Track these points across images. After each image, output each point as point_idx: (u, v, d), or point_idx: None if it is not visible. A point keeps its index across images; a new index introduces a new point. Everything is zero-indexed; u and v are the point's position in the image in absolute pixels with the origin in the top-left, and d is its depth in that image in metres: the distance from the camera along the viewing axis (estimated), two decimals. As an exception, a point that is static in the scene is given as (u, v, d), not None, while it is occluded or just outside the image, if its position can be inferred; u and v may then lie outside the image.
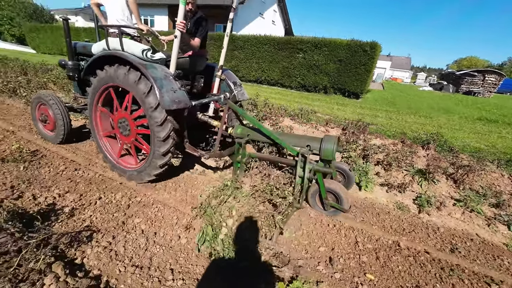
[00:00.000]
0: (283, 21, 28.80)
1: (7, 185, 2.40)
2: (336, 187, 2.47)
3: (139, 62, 2.36)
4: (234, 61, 12.37)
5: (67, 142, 3.57)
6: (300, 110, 6.11)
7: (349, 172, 2.93)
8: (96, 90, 2.72)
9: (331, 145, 2.41)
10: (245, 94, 3.45)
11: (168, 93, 2.27)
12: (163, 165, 2.56)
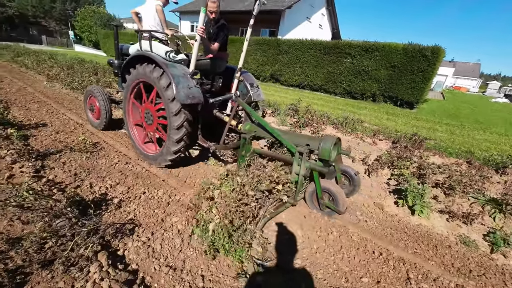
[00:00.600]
0: (330, 24, 27.87)
1: (71, 172, 2.72)
2: (332, 187, 2.48)
3: (163, 61, 2.73)
4: (278, 65, 12.35)
5: (108, 129, 4.17)
6: (345, 118, 5.72)
7: (355, 176, 2.86)
8: (130, 85, 3.17)
9: (328, 145, 2.46)
10: (261, 95, 3.65)
11: (183, 89, 2.59)
12: (176, 152, 2.87)
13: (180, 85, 2.60)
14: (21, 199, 1.71)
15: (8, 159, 2.72)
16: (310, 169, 2.49)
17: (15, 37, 33.15)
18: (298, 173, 2.54)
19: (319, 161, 2.59)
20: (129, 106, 3.37)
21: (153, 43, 3.04)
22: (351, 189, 2.92)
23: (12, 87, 6.58)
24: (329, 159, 2.48)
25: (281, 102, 7.70)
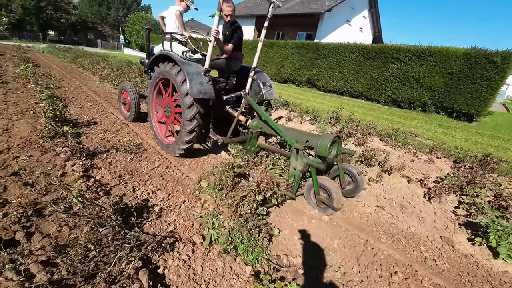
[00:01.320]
0: (372, 27, 26.41)
1: (116, 174, 2.74)
2: (329, 184, 2.52)
3: (180, 60, 3.04)
4: (315, 70, 11.89)
5: (136, 121, 4.66)
6: (395, 131, 5.14)
7: (357, 176, 2.85)
8: (154, 81, 3.54)
9: (326, 142, 2.52)
10: (273, 94, 3.78)
11: (196, 85, 2.84)
12: (188, 141, 3.13)
13: (194, 81, 2.85)
14: (71, 204, 1.68)
15: (62, 156, 2.85)
16: (307, 165, 2.53)
17: (77, 41, 37.52)
18: (296, 168, 2.61)
19: (317, 157, 2.67)
20: (152, 100, 3.74)
21: (173, 44, 3.51)
22: (353, 188, 2.92)
23: (71, 85, 7.23)
24: (326, 155, 2.55)
25: (319, 109, 7.31)
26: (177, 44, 3.72)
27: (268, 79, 3.88)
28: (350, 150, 3.06)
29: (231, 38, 3.34)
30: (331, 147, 2.61)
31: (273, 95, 3.79)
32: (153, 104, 3.77)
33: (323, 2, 19.52)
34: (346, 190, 2.97)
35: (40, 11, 33.80)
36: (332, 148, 2.66)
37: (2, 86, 5.71)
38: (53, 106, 3.99)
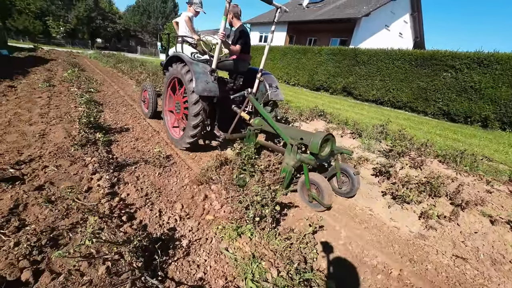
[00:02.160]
0: (413, 33, 24.62)
1: (143, 191, 2.47)
2: (319, 181, 2.54)
3: (189, 60, 3.27)
4: (352, 78, 11.09)
5: (154, 118, 4.96)
6: (460, 152, 4.29)
7: (353, 175, 2.85)
8: (168, 80, 3.82)
9: (317, 140, 2.59)
10: (279, 95, 3.90)
11: (202, 83, 3.03)
12: (193, 136, 3.32)
13: (199, 80, 3.04)
14: (86, 244, 1.37)
15: (90, 167, 2.66)
16: (300, 161, 2.56)
17: (119, 48, 40.71)
18: (289, 163, 2.66)
19: (310, 154, 2.71)
20: (166, 97, 4.02)
21: (184, 46, 3.98)
22: (350, 188, 2.93)
23: (109, 90, 7.47)
24: (317, 152, 2.62)
25: (359, 121, 6.59)
26: (187, 46, 4.17)
27: (275, 80, 4.04)
28: (348, 150, 3.07)
29: (238, 40, 3.53)
30: (324, 145, 2.73)
31: (279, 96, 3.91)
32: (167, 102, 4.04)
33: (360, 7, 18.60)
34: (342, 190, 3.00)
35: (91, 20, 37.36)
36: (326, 146, 2.78)
37: (48, 90, 6.00)
38: (88, 112, 3.95)
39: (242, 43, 3.51)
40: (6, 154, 2.70)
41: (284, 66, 14.79)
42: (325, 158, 2.83)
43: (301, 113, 6.51)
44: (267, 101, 3.87)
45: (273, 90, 3.85)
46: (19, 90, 5.59)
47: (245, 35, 3.62)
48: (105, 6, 41.65)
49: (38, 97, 5.22)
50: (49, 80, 7.06)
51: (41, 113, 4.21)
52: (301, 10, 23.50)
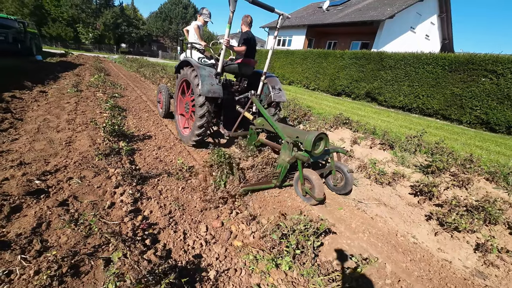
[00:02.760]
0: (441, 35, 23.38)
1: (167, 209, 2.33)
2: (312, 176, 2.77)
3: (197, 64, 3.54)
4: (377, 83, 10.55)
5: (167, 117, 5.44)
6: None
7: (347, 173, 3.00)
8: (178, 82, 4.17)
9: (311, 138, 2.78)
10: (282, 96, 4.13)
11: (207, 85, 3.29)
12: (198, 135, 3.61)
13: (205, 82, 3.32)
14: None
15: (113, 180, 2.58)
16: (294, 157, 2.74)
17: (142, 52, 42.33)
18: (284, 159, 2.86)
19: (304, 152, 2.89)
20: (177, 99, 4.36)
21: (192, 51, 4.41)
22: (344, 185, 3.08)
23: (132, 94, 7.60)
24: (311, 150, 2.78)
25: (387, 129, 6.15)
26: (196, 51, 4.60)
27: (278, 82, 4.26)
28: (343, 149, 3.28)
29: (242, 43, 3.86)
30: (318, 143, 2.90)
31: (282, 98, 4.13)
32: (178, 103, 4.37)
33: (384, 9, 17.91)
34: (337, 187, 3.17)
35: (117, 27, 39.22)
36: (321, 144, 2.93)
37: (76, 95, 6.18)
38: (112, 119, 3.94)
39: (246, 46, 3.84)
40: (33, 164, 2.69)
41: (304, 70, 14.47)
42: (319, 156, 2.99)
43: (324, 121, 6.21)
44: (270, 102, 4.14)
45: (276, 92, 4.09)
46: (49, 95, 5.79)
47: (250, 40, 3.91)
48: (130, 13, 43.62)
49: (66, 103, 5.36)
50: (77, 85, 7.31)
51: (68, 119, 4.28)
52: (321, 13, 23.09)
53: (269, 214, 2.50)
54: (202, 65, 3.59)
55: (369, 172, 3.86)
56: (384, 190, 3.42)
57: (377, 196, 3.28)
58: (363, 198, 3.22)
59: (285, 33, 24.15)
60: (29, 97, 5.31)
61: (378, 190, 3.40)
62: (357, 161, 4.34)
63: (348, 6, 21.76)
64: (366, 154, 4.63)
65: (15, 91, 5.40)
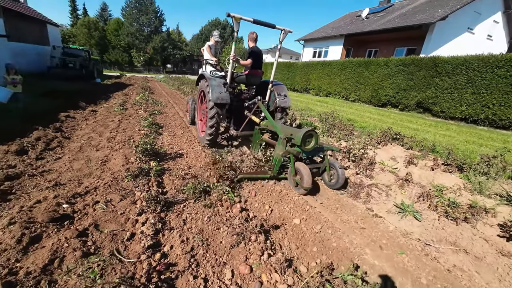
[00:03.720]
0: (508, 33, 20.27)
1: (189, 244, 2.03)
2: (301, 168, 3.05)
3: (209, 77, 4.25)
4: (430, 91, 9.26)
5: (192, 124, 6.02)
6: None
7: (339, 169, 3.28)
8: (198, 93, 4.99)
9: (300, 134, 3.08)
10: (287, 102, 4.54)
11: (216, 93, 3.93)
12: (210, 134, 4.16)
13: (214, 91, 3.90)
14: None
15: (138, 205, 2.41)
16: (287, 152, 3.13)
17: (185, 71, 45.91)
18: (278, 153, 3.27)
19: (297, 147, 3.19)
20: (197, 107, 5.29)
21: (207, 66, 5.33)
22: (336, 180, 3.33)
23: (171, 111, 7.89)
24: (300, 144, 3.09)
25: (451, 146, 5.10)
26: (209, 66, 5.42)
27: (284, 89, 4.66)
28: (335, 147, 3.74)
29: (248, 56, 4.36)
30: (309, 139, 3.18)
31: (287, 103, 4.53)
32: (198, 110, 5.14)
33: (434, 11, 16.24)
34: (332, 182, 3.40)
35: (164, 50, 43.41)
36: (312, 140, 3.19)
37: (121, 113, 6.60)
38: (145, 138, 3.95)
39: (252, 59, 4.30)
40: (67, 184, 2.70)
41: (343, 81, 13.67)
42: (311, 152, 3.33)
43: (369, 136, 5.47)
44: (276, 107, 4.53)
45: (281, 98, 4.50)
46: (98, 114, 6.27)
47: (256, 54, 4.38)
48: (175, 37, 48.08)
49: (111, 121, 5.70)
50: (124, 103, 7.89)
51: (109, 137, 4.45)
52: (360, 21, 22.10)
53: (310, 259, 2.03)
54: (213, 77, 4.27)
55: (435, 202, 3.09)
56: (461, 229, 2.63)
57: (452, 237, 2.53)
58: (431, 240, 2.51)
59: (321, 44, 23.64)
60: (81, 116, 5.80)
61: (452, 229, 2.63)
62: (416, 187, 3.56)
63: (390, 12, 20.44)
64: (427, 177, 3.80)
65: (70, 111, 5.96)
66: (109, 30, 40.10)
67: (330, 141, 5.36)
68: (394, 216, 2.93)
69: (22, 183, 2.67)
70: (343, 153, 4.42)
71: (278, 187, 3.24)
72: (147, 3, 39.93)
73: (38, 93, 7.38)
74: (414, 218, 2.85)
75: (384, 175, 3.92)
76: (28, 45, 14.64)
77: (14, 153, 3.31)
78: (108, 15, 45.34)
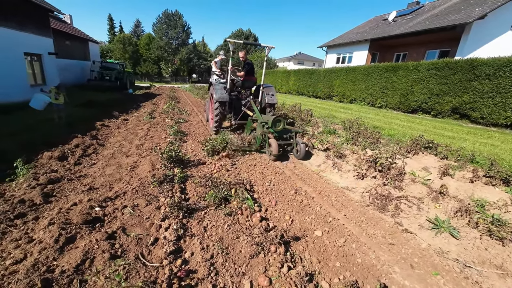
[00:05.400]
0: (561, 30, 18.07)
1: (209, 251, 2.05)
2: (272, 142, 4.44)
3: (214, 83, 6.03)
4: (468, 96, 8.53)
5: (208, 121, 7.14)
6: None
7: (301, 144, 4.60)
8: (209, 95, 6.89)
9: (271, 119, 4.53)
10: (274, 99, 5.98)
11: (218, 94, 5.46)
12: (215, 122, 5.74)
13: (217, 92, 5.50)
14: None
15: (162, 211, 2.50)
16: (263, 132, 4.71)
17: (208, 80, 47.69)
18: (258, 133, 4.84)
19: (270, 128, 4.64)
20: (209, 105, 6.76)
21: (214, 76, 7.05)
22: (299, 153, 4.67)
23: (195, 119, 8.19)
24: (271, 126, 4.57)
25: (494, 156, 4.57)
26: (215, 76, 7.04)
27: (272, 90, 6.23)
28: (299, 129, 5.40)
29: (244, 68, 6.06)
30: (278, 123, 4.63)
31: (274, 100, 5.92)
32: (210, 107, 6.52)
33: (471, 10, 15.14)
34: (297, 154, 4.77)
35: (190, 61, 45.63)
36: (280, 124, 4.63)
37: (149, 122, 7.00)
38: (170, 146, 4.12)
39: (245, 70, 6.02)
40: (100, 189, 2.90)
41: (368, 87, 13.17)
42: (281, 132, 4.70)
43: (398, 144, 5.16)
44: (266, 103, 5.97)
45: (269, 96, 5.96)
46: (129, 123, 6.72)
47: (248, 65, 6.12)
48: (201, 48, 50.36)
49: (140, 129, 6.07)
50: (152, 112, 8.37)
51: (138, 145, 4.73)
52: (387, 25, 21.30)
53: (332, 274, 1.93)
54: (217, 83, 5.98)
55: (475, 219, 2.78)
56: (508, 251, 2.33)
57: (497, 260, 2.24)
58: (472, 261, 2.25)
59: (344, 50, 23.16)
60: (114, 125, 6.26)
61: (497, 251, 2.34)
62: (452, 201, 3.25)
63: (419, 14, 19.47)
64: (466, 191, 3.46)
65: (105, 120, 6.47)
66: (141, 44, 43.30)
67: (354, 149, 5.15)
68: (427, 232, 2.69)
69: (62, 186, 2.93)
70: (369, 163, 4.22)
71: (299, 196, 3.16)
72: (176, 18, 42.59)
73: (78, 103, 8.12)
74: (450, 235, 2.59)
75: (415, 186, 3.64)
76: (73, 61, 16.32)
77: (56, 159, 3.65)
78: (141, 31, 49.08)
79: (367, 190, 3.74)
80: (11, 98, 8.51)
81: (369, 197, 3.51)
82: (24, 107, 7.95)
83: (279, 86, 22.03)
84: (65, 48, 15.35)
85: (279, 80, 22.10)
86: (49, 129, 5.28)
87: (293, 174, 4.02)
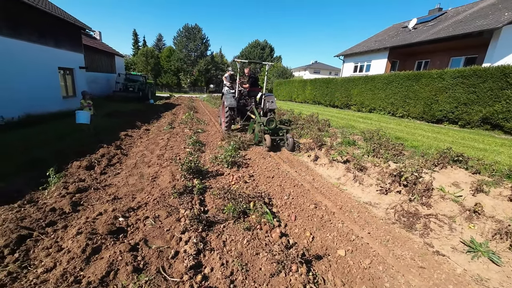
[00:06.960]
0: None
1: (228, 267, 2.02)
2: (266, 137, 5.76)
3: (225, 93, 8.04)
4: (500, 105, 7.98)
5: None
6: None
7: (289, 138, 5.92)
8: (222, 103, 8.14)
9: (264, 120, 6.08)
10: (273, 105, 7.30)
11: (228, 101, 7.03)
12: (226, 125, 7.25)
13: (228, 100, 7.00)
14: None
15: (182, 223, 2.52)
16: (261, 130, 6.02)
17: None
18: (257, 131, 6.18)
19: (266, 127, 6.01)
20: (222, 112, 7.81)
21: (225, 87, 8.92)
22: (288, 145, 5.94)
23: (212, 129, 8.34)
24: (266, 125, 6.00)
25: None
26: (226, 87, 8.76)
27: (272, 97, 7.53)
28: (286, 126, 7.10)
29: (249, 81, 7.91)
30: (271, 122, 6.01)
31: (273, 106, 7.25)
32: (222, 112, 7.67)
33: (499, 15, 14.40)
34: (287, 147, 5.98)
35: (207, 71, 47.12)
36: (273, 123, 6.02)
37: (169, 132, 7.23)
38: (189, 157, 4.20)
39: (250, 83, 7.74)
40: (123, 199, 3.00)
41: (388, 96, 12.78)
42: (274, 129, 6.10)
43: (424, 157, 4.89)
44: (267, 109, 7.21)
45: (269, 103, 7.27)
46: (150, 133, 6.98)
47: (252, 79, 7.97)
48: (218, 59, 51.96)
49: (161, 139, 6.27)
50: (172, 122, 8.65)
51: (159, 155, 4.87)
52: (407, 32, 20.77)
53: (358, 299, 1.81)
54: (227, 93, 7.60)
55: (518, 243, 2.52)
56: None
57: None
58: (517, 292, 2.03)
59: (362, 58, 22.80)
60: (137, 135, 6.53)
61: None
62: (489, 221, 2.98)
63: (442, 21, 18.82)
64: (504, 210, 3.17)
65: (128, 130, 6.77)
66: (162, 57, 45.52)
67: (376, 162, 4.96)
68: (462, 255, 2.48)
69: (89, 195, 3.06)
70: (392, 176, 4.03)
71: (319, 211, 3.06)
72: (195, 31, 44.49)
73: (104, 114, 8.60)
74: (490, 260, 2.36)
75: (445, 204, 3.40)
76: (100, 74, 17.47)
77: (84, 168, 3.85)
78: (162, 44, 51.70)
79: (392, 206, 3.54)
80: (47, 109, 9.25)
81: (395, 214, 3.32)
82: (58, 117, 8.56)
83: (295, 95, 22.01)
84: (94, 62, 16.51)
85: (295, 90, 22.10)
86: (79, 138, 5.61)
87: (312, 187, 3.92)
